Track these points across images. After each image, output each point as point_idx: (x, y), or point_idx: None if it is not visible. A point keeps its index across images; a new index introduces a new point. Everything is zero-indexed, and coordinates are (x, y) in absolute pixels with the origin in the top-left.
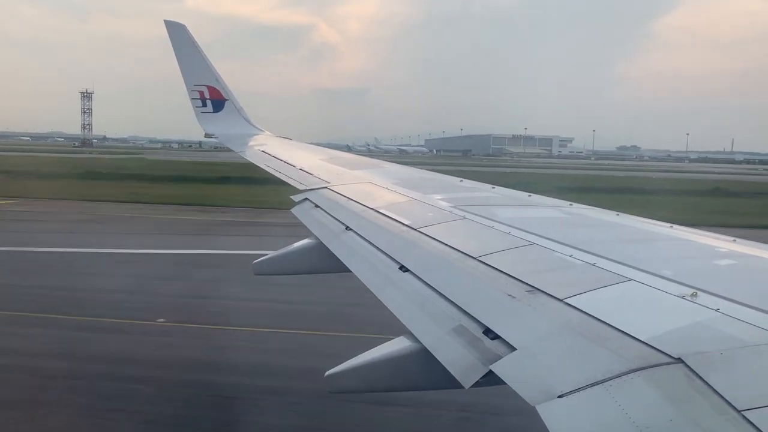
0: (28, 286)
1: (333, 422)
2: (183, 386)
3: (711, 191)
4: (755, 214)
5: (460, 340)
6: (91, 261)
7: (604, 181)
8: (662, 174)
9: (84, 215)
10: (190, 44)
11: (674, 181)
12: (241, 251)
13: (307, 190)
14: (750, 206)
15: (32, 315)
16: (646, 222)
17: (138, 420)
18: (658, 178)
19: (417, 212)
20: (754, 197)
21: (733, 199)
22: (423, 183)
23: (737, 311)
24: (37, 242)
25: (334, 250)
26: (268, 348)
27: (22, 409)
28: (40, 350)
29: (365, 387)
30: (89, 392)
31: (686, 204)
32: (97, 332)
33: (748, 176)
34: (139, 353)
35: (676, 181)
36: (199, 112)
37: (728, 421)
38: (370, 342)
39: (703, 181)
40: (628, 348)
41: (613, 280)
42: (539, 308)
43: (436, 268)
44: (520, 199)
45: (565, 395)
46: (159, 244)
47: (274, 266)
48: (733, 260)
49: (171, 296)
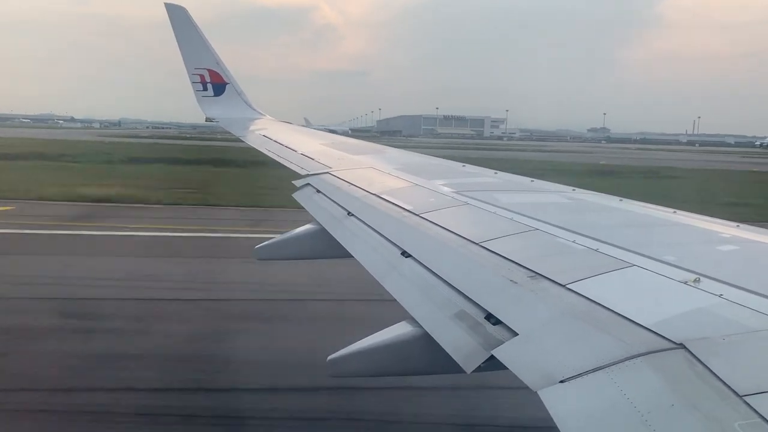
0: None
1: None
2: None
3: (586, 172)
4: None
5: (462, 325)
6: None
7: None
8: (563, 155)
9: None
10: (191, 27)
11: (556, 163)
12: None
13: (308, 175)
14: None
15: None
16: (649, 207)
17: None
18: (540, 159)
19: (419, 198)
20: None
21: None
22: (425, 168)
23: (740, 297)
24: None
25: (336, 235)
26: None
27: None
28: None
29: (367, 371)
30: None
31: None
32: None
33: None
34: None
35: (557, 163)
36: (200, 96)
37: (729, 406)
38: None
39: (591, 163)
40: (630, 333)
41: (616, 265)
42: (541, 294)
43: (438, 253)
44: (523, 184)
45: (567, 380)
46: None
47: (277, 251)
48: (736, 246)
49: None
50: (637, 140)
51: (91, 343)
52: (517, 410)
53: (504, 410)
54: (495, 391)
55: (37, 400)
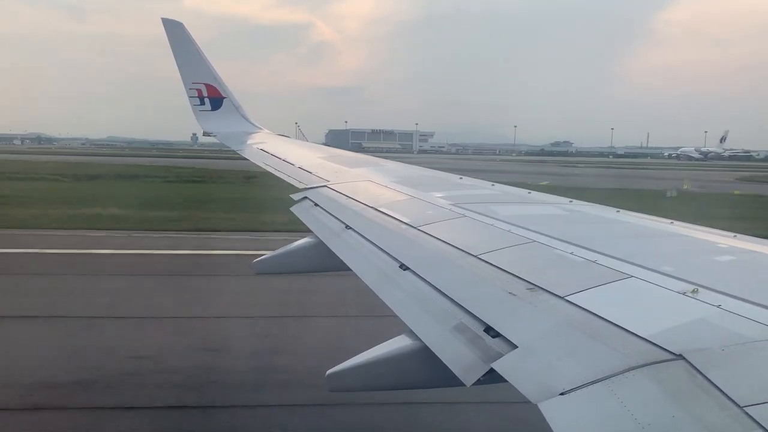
0: None
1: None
2: None
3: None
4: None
5: (461, 338)
6: None
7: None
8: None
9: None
10: (188, 42)
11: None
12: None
13: (306, 188)
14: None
15: None
16: (646, 218)
17: None
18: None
19: (416, 210)
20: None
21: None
22: (422, 180)
23: (738, 307)
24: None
25: (334, 248)
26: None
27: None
28: None
29: (366, 385)
30: None
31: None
32: None
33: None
34: None
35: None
36: (197, 110)
37: (730, 417)
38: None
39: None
40: (630, 345)
41: (614, 277)
42: (540, 306)
43: (437, 266)
44: (520, 196)
45: (567, 393)
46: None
47: (274, 265)
48: (733, 256)
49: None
50: (580, 154)
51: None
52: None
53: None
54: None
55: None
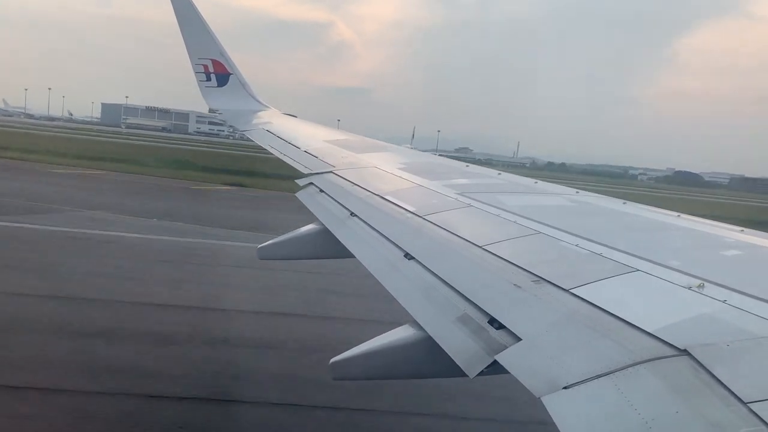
0: None
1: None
2: None
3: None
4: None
5: (465, 330)
6: None
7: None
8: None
9: None
10: (195, 16)
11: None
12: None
13: (311, 174)
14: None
15: None
16: (653, 211)
17: None
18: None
19: (422, 199)
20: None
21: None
22: (429, 168)
23: (744, 303)
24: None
25: (339, 235)
26: None
27: None
28: None
29: (369, 374)
30: None
31: None
32: None
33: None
34: None
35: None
36: (203, 86)
37: (734, 412)
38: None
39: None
40: (634, 339)
41: (620, 270)
42: (545, 298)
43: (441, 256)
44: (526, 185)
45: (571, 387)
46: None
47: (279, 251)
48: (740, 251)
49: None
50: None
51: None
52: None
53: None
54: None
55: None
